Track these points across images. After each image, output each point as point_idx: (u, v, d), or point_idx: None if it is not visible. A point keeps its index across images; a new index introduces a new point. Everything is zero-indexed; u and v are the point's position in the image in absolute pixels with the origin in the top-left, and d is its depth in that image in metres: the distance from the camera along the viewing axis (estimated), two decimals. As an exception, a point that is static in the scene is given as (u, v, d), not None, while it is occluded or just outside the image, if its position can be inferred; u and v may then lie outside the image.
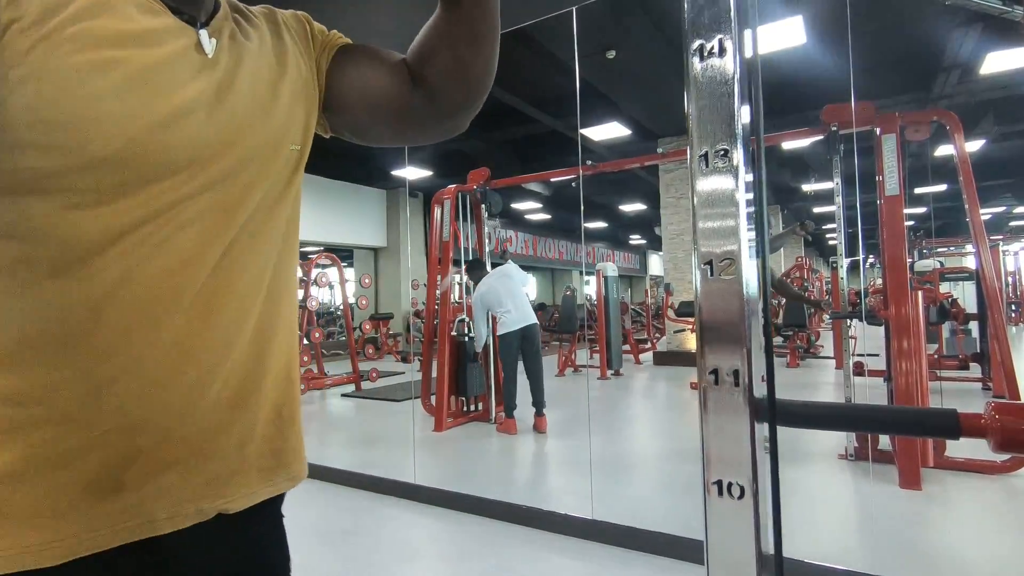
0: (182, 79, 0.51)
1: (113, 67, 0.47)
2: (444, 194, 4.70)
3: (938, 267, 7.40)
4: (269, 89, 0.60)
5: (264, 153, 0.58)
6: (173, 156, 0.50)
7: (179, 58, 0.52)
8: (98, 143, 0.46)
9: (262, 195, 0.57)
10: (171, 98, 0.50)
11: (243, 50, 0.59)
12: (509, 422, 4.27)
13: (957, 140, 3.00)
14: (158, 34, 0.51)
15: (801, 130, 3.48)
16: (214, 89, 0.54)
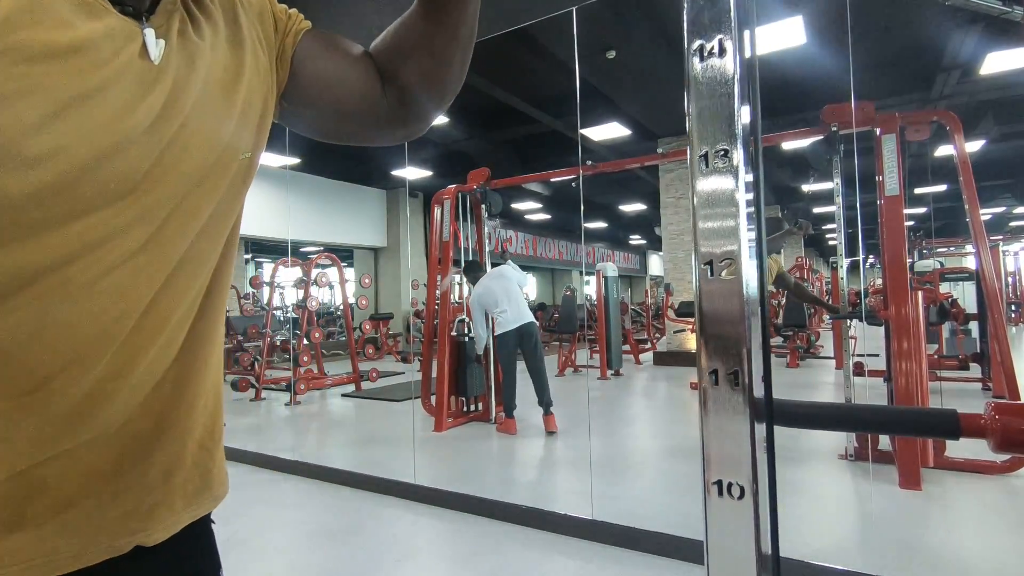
0: (125, 100, 0.44)
1: (40, 91, 0.39)
2: (444, 194, 4.70)
3: (938, 267, 7.41)
4: (223, 96, 0.53)
5: (213, 172, 0.51)
6: (108, 188, 0.43)
7: (122, 73, 0.44)
8: (18, 181, 0.39)
9: (207, 218, 0.51)
10: (112, 127, 0.43)
11: (195, 49, 0.51)
12: (509, 422, 4.27)
13: (957, 140, 3.00)
14: (96, 42, 0.43)
15: (801, 130, 3.48)
16: (160, 106, 0.46)
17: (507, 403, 4.33)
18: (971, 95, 6.28)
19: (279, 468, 3.49)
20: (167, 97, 0.47)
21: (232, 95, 0.53)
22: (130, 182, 0.44)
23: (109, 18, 0.44)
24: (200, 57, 0.51)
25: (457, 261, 4.80)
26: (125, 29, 0.45)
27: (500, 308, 4.26)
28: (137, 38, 0.46)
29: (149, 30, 0.47)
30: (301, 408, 5.63)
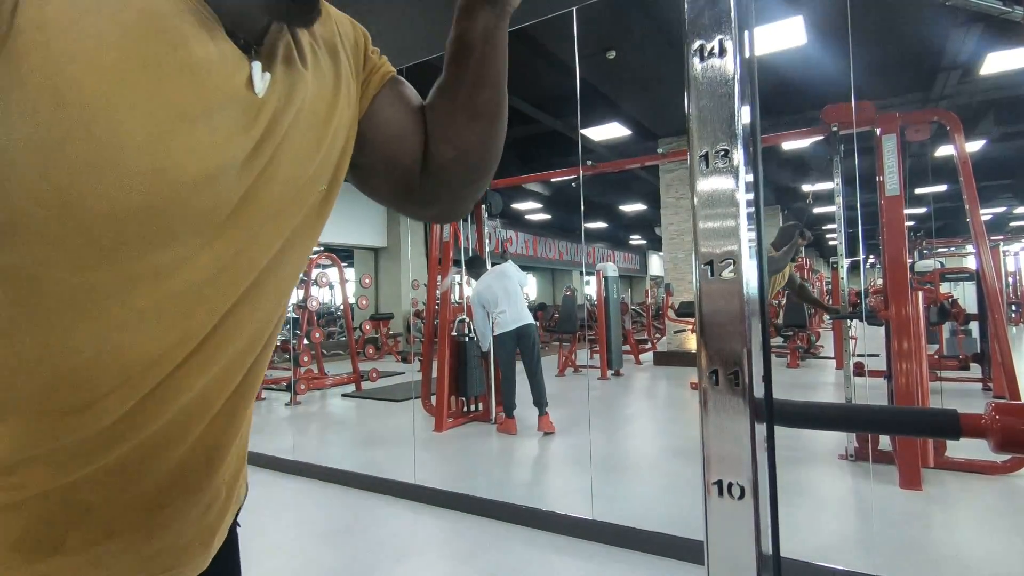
0: (228, 129, 0.42)
1: (151, 106, 0.37)
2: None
3: (938, 267, 7.41)
4: (314, 129, 0.51)
5: (291, 205, 0.49)
6: (192, 219, 0.41)
7: (231, 100, 0.42)
8: (106, 202, 0.36)
9: (278, 250, 0.49)
10: (211, 155, 0.41)
11: (296, 79, 0.49)
12: (509, 422, 4.27)
13: (957, 140, 3.00)
14: (212, 64, 0.41)
15: (801, 130, 3.48)
16: (256, 141, 0.44)
17: (507, 403, 4.34)
18: (971, 95, 6.28)
19: (279, 468, 3.49)
20: (263, 133, 0.45)
21: (323, 128, 0.52)
22: (214, 215, 0.42)
23: (224, 44, 0.42)
24: (299, 88, 0.49)
25: (457, 261, 4.80)
26: (236, 57, 0.43)
27: (500, 308, 4.27)
28: (245, 68, 0.44)
29: (256, 63, 0.45)
30: (301, 408, 5.64)
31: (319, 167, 0.52)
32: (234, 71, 0.43)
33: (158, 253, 0.40)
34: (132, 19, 0.36)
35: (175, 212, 0.39)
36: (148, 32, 0.37)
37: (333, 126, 0.53)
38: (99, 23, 0.35)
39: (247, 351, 0.50)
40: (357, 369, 6.51)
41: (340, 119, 0.54)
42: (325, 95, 0.52)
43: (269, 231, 0.48)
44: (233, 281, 0.46)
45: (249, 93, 0.44)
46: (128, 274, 0.39)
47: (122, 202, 0.37)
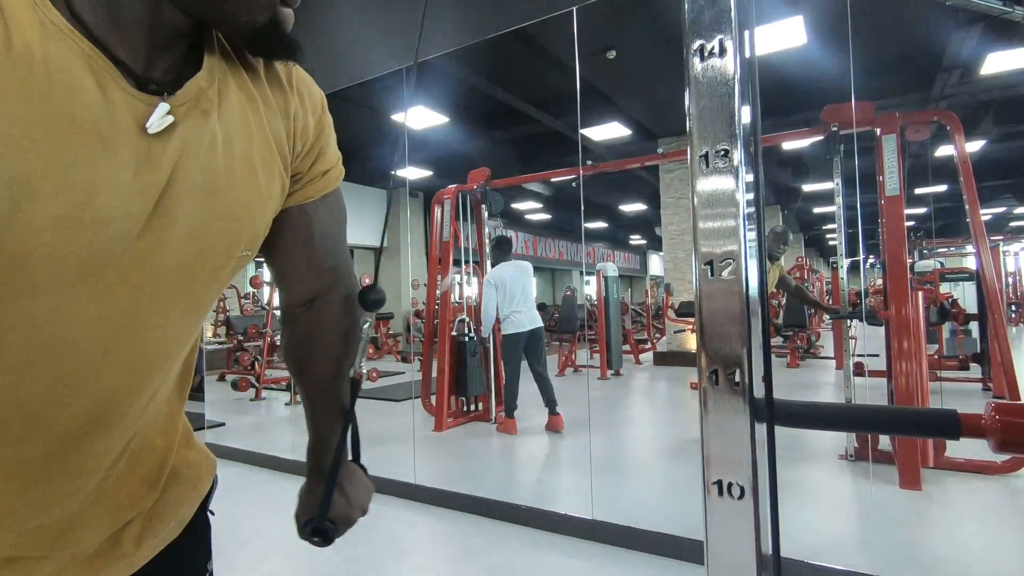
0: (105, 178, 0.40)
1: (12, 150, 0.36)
2: (444, 194, 4.70)
3: (938, 267, 7.41)
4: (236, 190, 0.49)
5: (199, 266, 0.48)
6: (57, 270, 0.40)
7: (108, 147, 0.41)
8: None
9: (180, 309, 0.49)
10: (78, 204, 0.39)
11: (211, 133, 0.47)
12: (509, 422, 4.26)
13: (957, 140, 3.00)
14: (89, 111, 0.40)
15: (801, 130, 3.48)
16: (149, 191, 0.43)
17: (508, 403, 4.33)
18: (971, 95, 6.28)
19: (279, 468, 3.49)
20: (161, 182, 0.43)
21: (243, 190, 0.50)
22: (92, 265, 0.41)
23: (116, 91, 0.41)
24: (222, 140, 0.48)
25: (457, 261, 4.79)
26: (130, 103, 0.42)
27: (515, 307, 4.25)
28: (141, 113, 0.42)
29: (162, 105, 0.43)
30: (301, 408, 5.62)
31: (237, 231, 0.50)
32: (123, 115, 0.41)
33: (25, 304, 0.39)
34: (11, 81, 0.36)
35: (40, 263, 0.39)
36: (24, 91, 0.37)
37: (258, 191, 0.51)
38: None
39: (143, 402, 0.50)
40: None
41: (267, 188, 0.53)
42: (252, 160, 0.51)
43: (168, 292, 0.47)
44: (122, 340, 0.45)
45: (141, 137, 0.42)
46: (3, 319, 0.39)
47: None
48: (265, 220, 0.55)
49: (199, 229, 0.47)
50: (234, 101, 0.50)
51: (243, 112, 0.51)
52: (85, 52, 0.40)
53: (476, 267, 4.98)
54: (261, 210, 0.53)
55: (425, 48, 3.71)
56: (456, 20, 3.36)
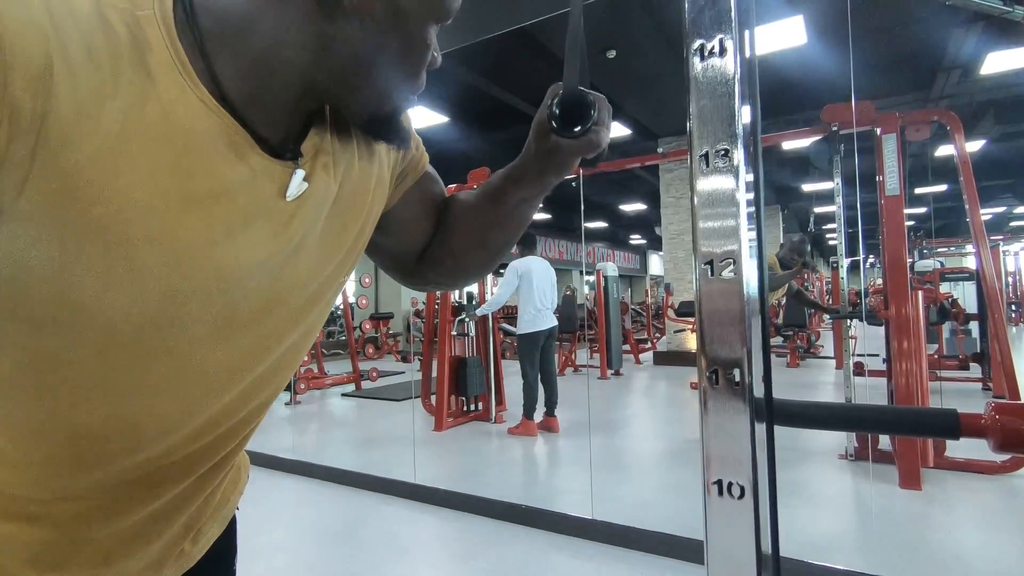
0: (249, 244, 0.44)
1: (165, 234, 0.39)
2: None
3: (938, 267, 7.41)
4: (342, 226, 0.53)
5: (311, 303, 0.52)
6: (211, 318, 0.44)
7: (254, 219, 0.44)
8: (127, 315, 0.40)
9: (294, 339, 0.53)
10: (225, 271, 0.43)
11: (330, 180, 0.50)
12: (529, 424, 4.17)
13: (957, 140, 3.00)
14: (235, 187, 0.42)
15: (801, 130, 3.48)
16: (282, 248, 0.46)
17: (528, 404, 4.21)
18: (971, 95, 6.28)
19: (279, 468, 3.49)
20: (295, 241, 0.47)
21: (351, 228, 0.54)
22: (233, 316, 0.45)
23: (257, 160, 0.44)
24: (328, 195, 0.50)
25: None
26: (270, 171, 0.45)
27: (537, 304, 4.22)
28: (281, 178, 0.45)
29: (299, 172, 0.46)
30: (301, 408, 5.64)
31: (341, 263, 0.54)
32: (265, 186, 0.44)
33: (169, 345, 0.43)
34: (163, 157, 0.38)
35: (184, 321, 0.42)
36: (174, 168, 0.39)
37: (360, 224, 0.55)
38: (131, 164, 0.37)
39: (250, 417, 0.54)
40: (357, 368, 6.51)
41: (368, 217, 0.56)
42: (356, 198, 0.54)
43: (287, 327, 0.51)
44: (245, 368, 0.49)
45: (279, 202, 0.45)
46: (141, 358, 0.42)
47: (134, 317, 0.40)
48: (366, 239, 0.58)
49: (316, 271, 0.51)
50: (340, 147, 0.52)
51: (349, 153, 0.53)
52: (228, 128, 0.42)
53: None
54: (363, 236, 0.57)
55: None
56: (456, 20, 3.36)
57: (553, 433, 4.17)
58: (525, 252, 4.45)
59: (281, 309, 0.49)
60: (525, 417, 4.22)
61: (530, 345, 4.24)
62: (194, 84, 0.40)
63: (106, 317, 0.39)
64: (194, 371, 0.45)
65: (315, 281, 0.52)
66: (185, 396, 0.46)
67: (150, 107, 0.38)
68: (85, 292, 0.37)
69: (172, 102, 0.39)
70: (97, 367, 0.41)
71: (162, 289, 0.40)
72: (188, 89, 0.40)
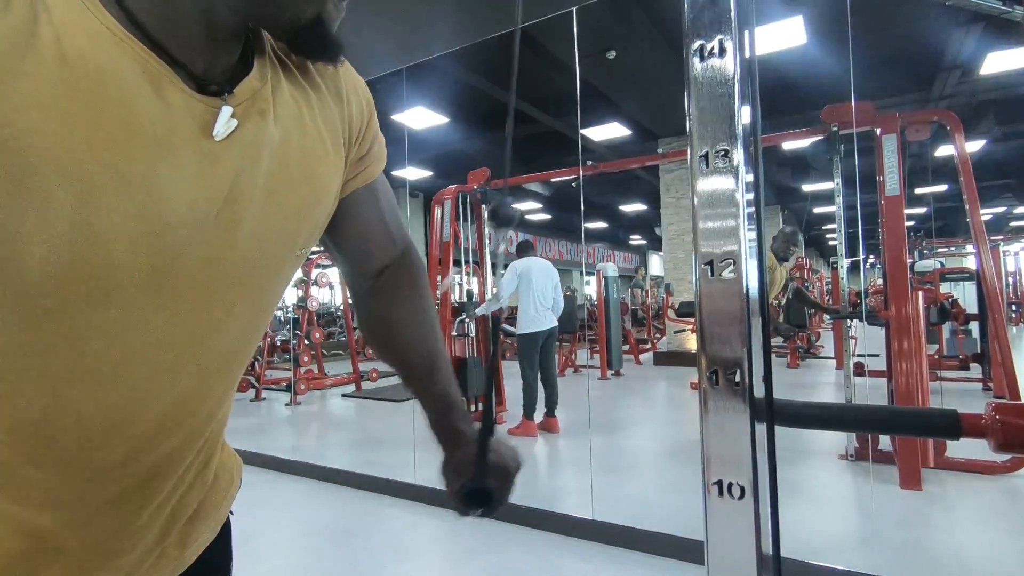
0: (171, 185, 0.40)
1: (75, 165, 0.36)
2: (444, 194, 4.70)
3: (938, 267, 7.41)
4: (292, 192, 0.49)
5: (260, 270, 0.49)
6: (136, 276, 0.40)
7: (172, 154, 0.40)
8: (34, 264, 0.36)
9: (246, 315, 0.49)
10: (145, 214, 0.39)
11: (264, 135, 0.47)
12: (529, 425, 4.17)
13: (957, 140, 3.00)
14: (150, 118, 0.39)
15: (801, 130, 3.48)
16: (212, 193, 0.43)
17: (528, 404, 4.21)
18: (971, 95, 6.28)
19: (279, 468, 3.49)
20: (225, 185, 0.44)
21: (300, 185, 0.50)
22: (168, 271, 0.41)
23: (176, 94, 0.41)
24: (267, 145, 0.47)
25: (457, 261, 4.79)
26: (190, 106, 0.42)
27: (542, 304, 4.22)
28: (203, 116, 0.42)
29: (226, 108, 0.43)
30: (301, 408, 5.63)
31: (292, 231, 0.51)
32: (184, 121, 0.41)
33: (100, 313, 0.39)
34: (63, 83, 0.36)
35: (110, 273, 0.39)
36: (77, 94, 0.36)
37: (311, 188, 0.52)
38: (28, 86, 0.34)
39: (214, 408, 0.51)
40: (357, 369, 6.51)
41: (321, 185, 0.53)
42: (306, 159, 0.51)
43: (234, 296, 0.47)
44: (192, 344, 0.45)
45: (203, 141, 0.42)
46: (74, 334, 0.39)
47: (51, 264, 0.36)
48: (323, 216, 0.55)
49: (260, 231, 0.47)
50: (287, 98, 0.50)
51: (297, 109, 0.50)
52: (140, 56, 0.39)
53: (476, 267, 4.98)
54: (318, 207, 0.54)
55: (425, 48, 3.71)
56: (456, 20, 3.36)
57: (553, 433, 4.17)
58: (523, 255, 4.46)
59: (224, 270, 0.45)
60: (525, 417, 4.22)
61: (530, 345, 4.23)
62: (95, 8, 0.37)
63: (19, 269, 0.36)
64: (134, 349, 0.42)
65: (262, 244, 0.48)
66: (131, 380, 0.42)
67: (44, 28, 0.35)
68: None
69: (70, 27, 0.36)
70: (25, 342, 0.38)
71: (76, 226, 0.36)
72: (89, 14, 0.37)
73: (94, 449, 0.43)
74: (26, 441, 0.40)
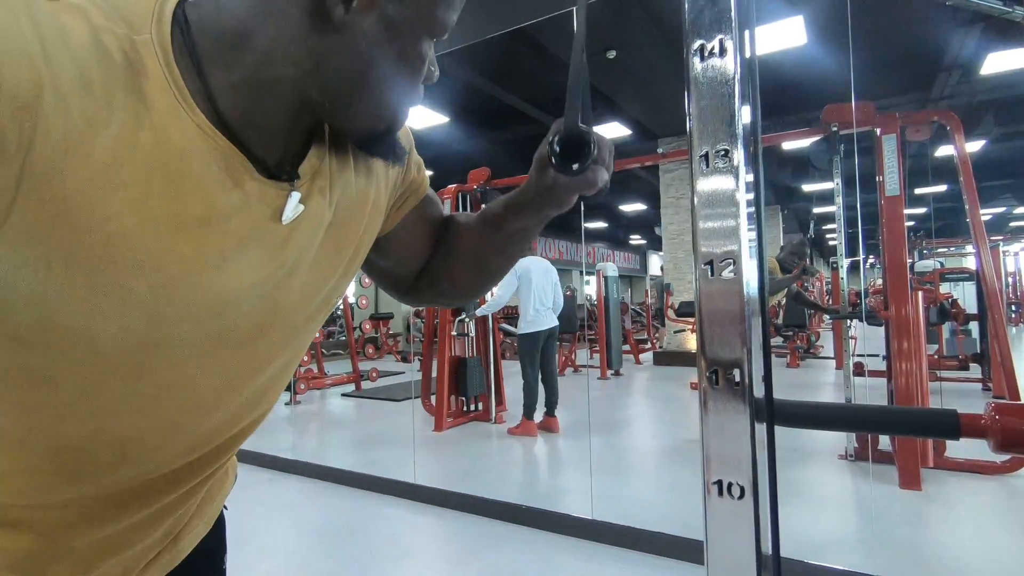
0: (241, 269, 0.43)
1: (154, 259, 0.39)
2: (444, 194, 4.70)
3: (938, 267, 7.41)
4: (337, 255, 0.53)
5: (303, 324, 0.53)
6: (204, 342, 0.44)
7: (248, 240, 0.43)
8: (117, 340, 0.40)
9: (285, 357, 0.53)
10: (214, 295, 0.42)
11: (327, 204, 0.49)
12: (529, 424, 4.17)
13: (957, 140, 3.00)
14: (228, 212, 0.42)
15: (801, 130, 3.48)
16: (275, 273, 0.46)
17: (528, 404, 4.20)
18: (971, 95, 6.28)
19: (279, 468, 3.49)
20: (287, 264, 0.47)
21: (345, 248, 0.53)
22: (224, 338, 0.45)
23: (252, 184, 0.43)
24: (329, 211, 0.50)
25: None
26: (265, 195, 0.44)
27: (543, 304, 4.22)
28: (276, 201, 0.45)
29: (295, 194, 0.46)
30: (301, 408, 5.63)
31: (336, 286, 0.54)
32: (259, 209, 0.44)
33: (155, 361, 0.42)
34: (155, 183, 0.38)
35: (175, 344, 0.42)
36: (166, 193, 0.38)
37: (354, 246, 0.55)
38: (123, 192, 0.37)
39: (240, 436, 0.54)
40: (357, 369, 6.51)
41: (363, 239, 0.56)
42: (352, 221, 0.53)
43: (278, 348, 0.51)
44: (233, 388, 0.49)
45: (274, 225, 0.45)
46: (128, 377, 0.42)
47: (122, 341, 0.40)
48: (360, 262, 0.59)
49: (307, 295, 0.51)
50: (341, 170, 0.52)
51: (351, 176, 0.53)
52: (224, 151, 0.41)
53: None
54: (356, 261, 0.57)
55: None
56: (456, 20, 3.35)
57: (553, 433, 4.17)
58: None
59: (273, 332, 0.49)
60: (525, 417, 4.21)
61: (530, 345, 4.23)
62: (189, 108, 0.39)
63: (92, 340, 0.39)
64: (181, 390, 0.45)
65: (309, 303, 0.52)
66: (172, 414, 0.46)
67: (144, 134, 0.37)
68: (71, 317, 0.37)
69: (167, 127, 0.38)
70: (83, 385, 0.41)
71: (148, 314, 0.39)
72: (183, 113, 0.39)
73: (125, 468, 0.46)
74: (63, 456, 0.43)
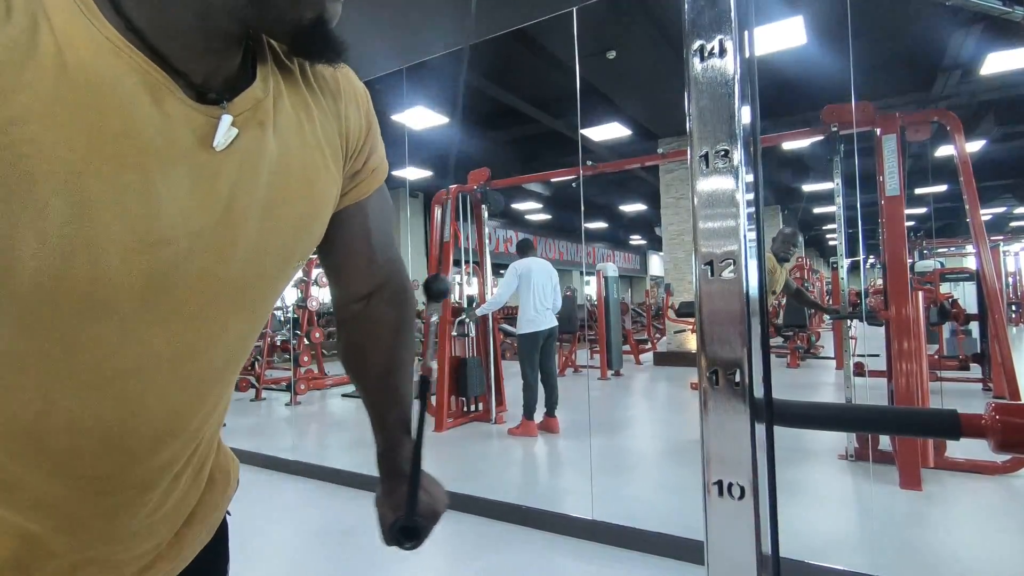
0: (168, 196, 0.40)
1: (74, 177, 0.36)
2: (444, 194, 4.70)
3: (938, 267, 7.41)
4: (292, 205, 0.49)
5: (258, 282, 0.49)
6: (124, 296, 0.40)
7: (170, 166, 0.40)
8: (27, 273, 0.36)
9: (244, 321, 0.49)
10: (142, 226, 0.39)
11: (265, 147, 0.46)
12: (529, 425, 4.16)
13: (957, 140, 3.00)
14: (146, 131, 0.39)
15: (801, 130, 3.48)
16: (210, 206, 0.42)
17: (528, 405, 4.20)
18: (971, 95, 6.28)
19: (279, 468, 3.49)
20: (223, 197, 0.43)
21: (296, 200, 0.49)
22: (156, 285, 0.41)
23: (175, 105, 0.40)
24: (272, 147, 0.46)
25: (457, 261, 4.79)
26: (189, 116, 0.41)
27: (543, 304, 4.23)
28: (202, 127, 0.41)
29: (226, 117, 0.42)
30: (301, 408, 5.63)
31: (290, 245, 0.50)
32: (183, 133, 0.40)
33: (94, 325, 0.39)
34: (63, 94, 0.35)
35: (103, 285, 0.38)
36: (77, 106, 0.35)
37: (308, 203, 0.51)
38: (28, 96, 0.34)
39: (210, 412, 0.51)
40: (357, 369, 6.50)
41: (318, 199, 0.52)
42: (304, 172, 0.50)
43: (232, 310, 0.47)
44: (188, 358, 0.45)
45: (202, 153, 0.41)
46: (68, 343, 0.39)
47: (43, 275, 0.36)
48: (319, 230, 0.55)
49: (258, 245, 0.47)
50: (288, 111, 0.49)
51: (298, 121, 0.50)
52: (141, 67, 0.38)
53: (476, 267, 4.98)
54: (315, 222, 0.53)
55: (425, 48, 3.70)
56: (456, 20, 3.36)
57: (553, 434, 4.17)
58: (524, 255, 4.46)
59: (220, 286, 0.45)
60: (525, 418, 4.21)
61: (530, 345, 4.23)
62: (94, 17, 0.37)
63: (13, 270, 0.36)
64: (128, 362, 0.41)
65: (259, 259, 0.47)
66: (122, 393, 0.42)
67: (45, 38, 0.34)
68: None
69: (70, 37, 0.35)
70: (21, 347, 0.38)
71: (69, 235, 0.36)
72: (89, 23, 0.36)
73: (86, 457, 0.43)
74: (17, 443, 0.41)
